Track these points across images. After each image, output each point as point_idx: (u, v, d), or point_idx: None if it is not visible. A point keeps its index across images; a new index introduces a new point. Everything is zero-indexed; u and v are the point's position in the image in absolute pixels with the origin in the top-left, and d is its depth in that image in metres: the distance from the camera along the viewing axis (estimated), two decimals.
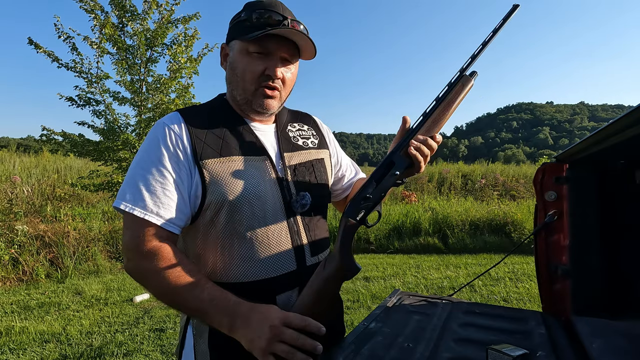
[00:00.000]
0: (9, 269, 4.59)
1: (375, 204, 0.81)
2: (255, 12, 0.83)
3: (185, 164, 0.82)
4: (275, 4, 0.86)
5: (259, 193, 0.85)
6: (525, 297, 3.68)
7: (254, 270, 0.84)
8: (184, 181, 0.82)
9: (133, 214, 0.78)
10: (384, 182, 0.81)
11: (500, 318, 0.96)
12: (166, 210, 0.79)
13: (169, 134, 0.83)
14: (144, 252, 0.77)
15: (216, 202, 0.82)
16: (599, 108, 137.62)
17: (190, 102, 5.79)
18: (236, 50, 0.88)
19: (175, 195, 0.80)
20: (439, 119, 0.83)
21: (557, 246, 1.02)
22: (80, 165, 9.71)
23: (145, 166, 0.81)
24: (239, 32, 0.86)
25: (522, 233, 6.08)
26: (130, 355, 2.71)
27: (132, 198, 0.79)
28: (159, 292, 0.79)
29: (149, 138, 0.85)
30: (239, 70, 0.87)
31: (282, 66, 0.87)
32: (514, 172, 11.26)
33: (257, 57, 0.85)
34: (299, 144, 0.98)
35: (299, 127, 1.03)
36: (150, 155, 0.82)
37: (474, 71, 0.83)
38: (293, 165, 0.92)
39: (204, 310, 0.75)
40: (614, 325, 0.83)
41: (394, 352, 0.77)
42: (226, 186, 0.82)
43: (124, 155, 5.56)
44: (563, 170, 1.02)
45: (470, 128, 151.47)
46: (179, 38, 5.68)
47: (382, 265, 5.15)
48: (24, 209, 6.05)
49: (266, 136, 0.94)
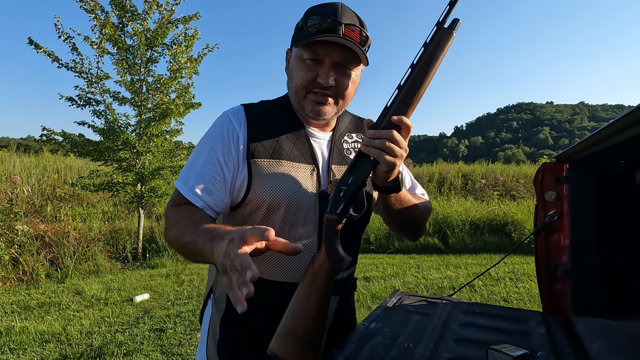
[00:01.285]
0: (9, 269, 4.59)
1: (355, 194, 0.78)
2: (310, 19, 0.82)
3: (235, 157, 0.86)
4: (334, 8, 0.83)
5: (297, 201, 0.86)
6: (525, 297, 3.68)
7: (276, 271, 0.88)
8: (230, 173, 0.86)
9: (180, 191, 0.86)
10: (359, 171, 0.78)
11: (500, 318, 0.96)
12: (208, 196, 0.85)
13: (228, 126, 0.88)
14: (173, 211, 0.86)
15: (256, 200, 0.86)
16: (599, 108, 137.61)
17: (190, 102, 5.79)
18: (293, 57, 0.89)
19: (220, 184, 0.86)
20: (415, 89, 0.73)
21: (557, 246, 1.02)
22: (80, 165, 9.70)
23: (201, 152, 0.88)
24: (296, 39, 0.87)
25: (522, 233, 6.08)
26: (130, 355, 2.71)
27: (184, 179, 0.87)
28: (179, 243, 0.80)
29: (212, 126, 0.91)
30: (293, 77, 0.88)
31: (336, 73, 0.85)
32: (514, 172, 11.25)
33: (310, 64, 0.85)
34: (350, 157, 0.96)
35: (356, 138, 1.00)
36: (207, 143, 0.89)
37: (455, 19, 0.71)
38: (338, 179, 0.91)
39: (197, 243, 0.72)
40: (614, 325, 0.83)
41: (394, 352, 0.78)
42: (268, 187, 0.85)
43: (124, 155, 5.56)
44: (563, 170, 1.02)
45: (470, 128, 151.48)
46: (179, 38, 5.69)
47: (382, 265, 5.15)
48: (24, 209, 6.05)
49: (320, 144, 0.94)
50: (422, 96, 0.74)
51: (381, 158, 0.74)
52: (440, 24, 0.71)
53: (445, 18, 0.71)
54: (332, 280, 0.79)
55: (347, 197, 0.77)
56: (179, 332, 3.09)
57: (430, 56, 0.72)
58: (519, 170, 11.51)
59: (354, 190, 0.77)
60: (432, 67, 0.72)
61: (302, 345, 0.75)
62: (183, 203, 0.86)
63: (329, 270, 0.77)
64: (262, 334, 0.86)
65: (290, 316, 0.77)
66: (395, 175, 0.80)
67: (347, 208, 0.78)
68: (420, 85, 0.73)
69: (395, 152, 0.73)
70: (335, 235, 0.78)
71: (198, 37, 5.78)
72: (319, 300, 0.77)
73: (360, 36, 0.83)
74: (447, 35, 0.71)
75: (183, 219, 0.82)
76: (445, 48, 0.72)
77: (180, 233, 0.79)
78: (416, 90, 0.73)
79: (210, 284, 1.00)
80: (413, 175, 1.12)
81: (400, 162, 0.76)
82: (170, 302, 3.86)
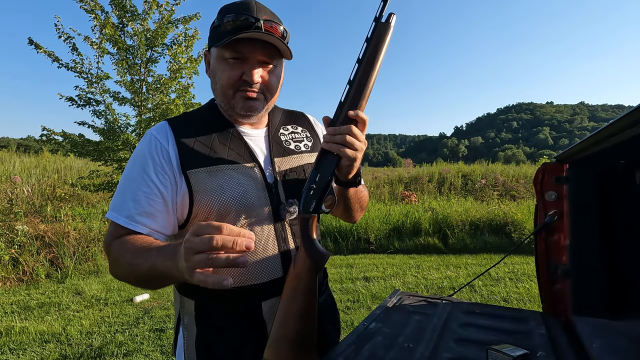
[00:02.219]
0: (9, 269, 4.59)
1: (324, 190, 0.80)
2: (226, 17, 0.81)
3: (170, 174, 0.83)
4: (247, 5, 0.83)
5: (246, 201, 0.84)
6: (525, 297, 3.68)
7: (240, 276, 0.84)
8: (168, 191, 0.82)
9: (117, 222, 0.80)
10: (325, 168, 0.80)
11: (500, 318, 0.96)
12: (150, 220, 0.81)
13: (155, 144, 0.84)
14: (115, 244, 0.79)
15: (203, 211, 0.83)
16: (599, 108, 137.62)
17: (190, 102, 5.79)
18: (214, 57, 0.87)
19: (160, 204, 0.81)
20: (364, 82, 0.76)
21: (557, 246, 1.02)
22: (80, 165, 9.71)
23: (132, 176, 0.83)
24: (214, 39, 0.84)
25: (522, 233, 6.08)
26: (130, 356, 2.71)
27: (118, 207, 0.81)
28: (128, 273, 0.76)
29: (137, 149, 0.87)
30: (217, 78, 0.87)
31: (261, 69, 0.85)
32: (514, 172, 11.24)
33: (234, 63, 0.84)
34: (291, 148, 0.97)
35: (292, 130, 1.01)
36: (136, 166, 0.84)
37: (391, 13, 0.76)
38: (283, 170, 0.91)
39: (156, 266, 0.69)
40: (614, 325, 0.83)
41: (394, 352, 0.77)
42: (213, 195, 0.82)
43: (124, 155, 5.56)
44: (563, 170, 1.02)
45: (470, 128, 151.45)
46: (179, 38, 5.68)
47: (382, 265, 5.15)
48: (24, 209, 6.05)
49: (256, 141, 0.93)
50: (371, 88, 0.78)
51: (343, 153, 0.76)
52: (378, 19, 0.75)
53: (381, 13, 0.74)
54: (316, 277, 0.80)
55: (318, 195, 0.80)
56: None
57: (373, 51, 0.76)
58: (519, 170, 11.51)
59: (323, 187, 0.80)
60: (376, 60, 0.76)
61: (296, 348, 0.75)
62: (124, 234, 0.79)
63: (311, 267, 0.78)
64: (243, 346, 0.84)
65: (279, 321, 0.77)
66: (356, 169, 0.83)
67: (320, 205, 0.80)
68: (368, 78, 0.76)
69: (355, 145, 0.76)
70: (312, 232, 0.79)
71: (198, 37, 5.78)
72: (306, 300, 0.77)
73: (279, 31, 0.84)
74: (385, 29, 0.75)
75: (129, 250, 0.75)
76: (385, 41, 0.76)
77: (132, 264, 0.73)
78: (365, 84, 0.77)
79: (178, 311, 0.95)
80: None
81: (361, 155, 0.79)
82: (170, 302, 3.86)
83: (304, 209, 0.80)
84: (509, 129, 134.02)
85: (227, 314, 0.87)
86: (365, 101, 0.78)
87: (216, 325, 0.87)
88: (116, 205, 0.82)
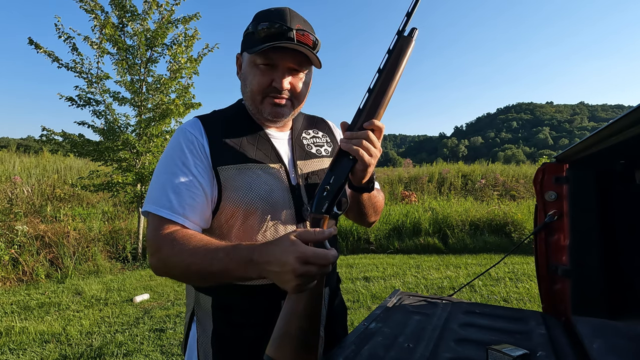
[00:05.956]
0: (9, 269, 4.59)
1: (338, 192, 0.81)
2: (260, 24, 0.83)
3: (208, 168, 0.85)
4: (282, 13, 0.85)
5: (271, 200, 0.86)
6: (525, 297, 3.68)
7: None
8: (207, 184, 0.84)
9: (159, 215, 0.80)
10: (339, 170, 0.81)
11: (500, 318, 0.96)
12: (193, 212, 0.82)
13: (191, 138, 0.87)
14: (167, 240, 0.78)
15: (231, 207, 0.85)
16: (599, 108, 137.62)
17: (190, 102, 5.79)
18: (245, 62, 0.90)
19: (201, 197, 0.83)
20: (383, 92, 0.79)
21: (557, 246, 1.02)
22: (80, 165, 9.71)
23: (171, 170, 0.84)
24: (247, 45, 0.87)
25: (522, 233, 6.08)
26: (130, 356, 2.71)
27: (159, 201, 0.81)
28: (184, 272, 0.77)
29: (172, 143, 0.88)
30: (248, 82, 0.89)
31: (290, 76, 0.88)
32: (514, 172, 11.25)
33: (264, 69, 0.86)
34: (313, 152, 0.99)
35: (313, 134, 1.04)
36: (174, 160, 0.85)
37: (413, 28, 0.78)
38: (305, 173, 0.94)
39: (228, 269, 0.72)
40: (614, 325, 0.83)
41: (394, 352, 0.78)
42: (240, 193, 0.84)
43: (124, 155, 5.56)
44: (563, 170, 1.02)
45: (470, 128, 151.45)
46: (179, 38, 5.69)
47: (382, 265, 5.15)
48: (24, 209, 6.05)
49: (281, 144, 0.96)
50: (390, 98, 0.80)
51: (359, 156, 0.78)
52: (401, 32, 0.77)
53: (404, 27, 0.77)
54: (323, 277, 0.79)
55: (331, 196, 0.81)
56: (179, 332, 3.09)
57: (394, 62, 0.78)
58: (518, 170, 11.52)
59: (337, 189, 0.81)
60: (396, 72, 0.78)
61: (298, 347, 0.75)
62: (170, 229, 0.79)
63: None
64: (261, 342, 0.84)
65: (283, 318, 0.77)
66: (370, 175, 0.84)
67: (332, 206, 0.81)
68: (388, 88, 0.79)
69: (371, 151, 0.78)
70: None
71: (198, 37, 5.78)
72: (311, 299, 0.77)
73: (311, 40, 0.86)
74: (407, 42, 0.78)
75: (184, 250, 0.75)
76: (407, 54, 0.78)
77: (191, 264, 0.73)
78: (384, 93, 0.79)
79: (191, 307, 0.95)
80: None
81: (375, 162, 0.81)
82: (170, 302, 3.86)
83: (316, 209, 0.81)
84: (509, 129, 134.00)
85: (247, 309, 0.88)
86: (383, 110, 0.80)
87: (235, 321, 0.88)
88: (155, 198, 0.82)
